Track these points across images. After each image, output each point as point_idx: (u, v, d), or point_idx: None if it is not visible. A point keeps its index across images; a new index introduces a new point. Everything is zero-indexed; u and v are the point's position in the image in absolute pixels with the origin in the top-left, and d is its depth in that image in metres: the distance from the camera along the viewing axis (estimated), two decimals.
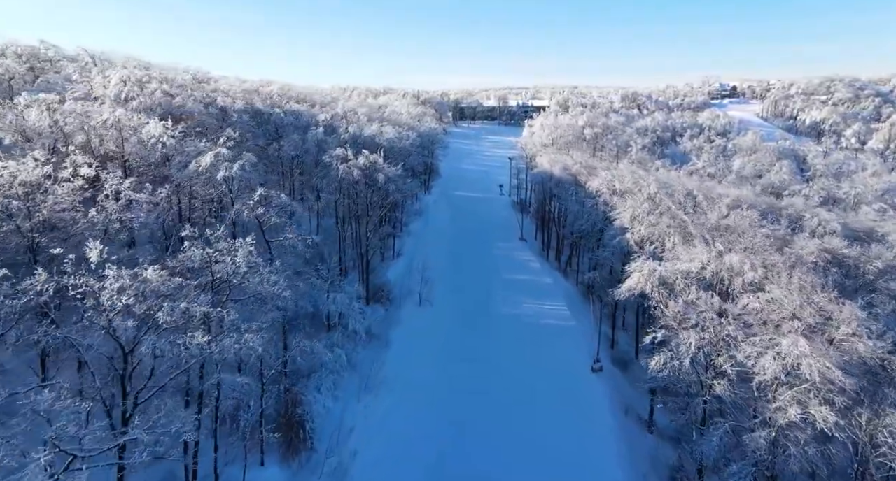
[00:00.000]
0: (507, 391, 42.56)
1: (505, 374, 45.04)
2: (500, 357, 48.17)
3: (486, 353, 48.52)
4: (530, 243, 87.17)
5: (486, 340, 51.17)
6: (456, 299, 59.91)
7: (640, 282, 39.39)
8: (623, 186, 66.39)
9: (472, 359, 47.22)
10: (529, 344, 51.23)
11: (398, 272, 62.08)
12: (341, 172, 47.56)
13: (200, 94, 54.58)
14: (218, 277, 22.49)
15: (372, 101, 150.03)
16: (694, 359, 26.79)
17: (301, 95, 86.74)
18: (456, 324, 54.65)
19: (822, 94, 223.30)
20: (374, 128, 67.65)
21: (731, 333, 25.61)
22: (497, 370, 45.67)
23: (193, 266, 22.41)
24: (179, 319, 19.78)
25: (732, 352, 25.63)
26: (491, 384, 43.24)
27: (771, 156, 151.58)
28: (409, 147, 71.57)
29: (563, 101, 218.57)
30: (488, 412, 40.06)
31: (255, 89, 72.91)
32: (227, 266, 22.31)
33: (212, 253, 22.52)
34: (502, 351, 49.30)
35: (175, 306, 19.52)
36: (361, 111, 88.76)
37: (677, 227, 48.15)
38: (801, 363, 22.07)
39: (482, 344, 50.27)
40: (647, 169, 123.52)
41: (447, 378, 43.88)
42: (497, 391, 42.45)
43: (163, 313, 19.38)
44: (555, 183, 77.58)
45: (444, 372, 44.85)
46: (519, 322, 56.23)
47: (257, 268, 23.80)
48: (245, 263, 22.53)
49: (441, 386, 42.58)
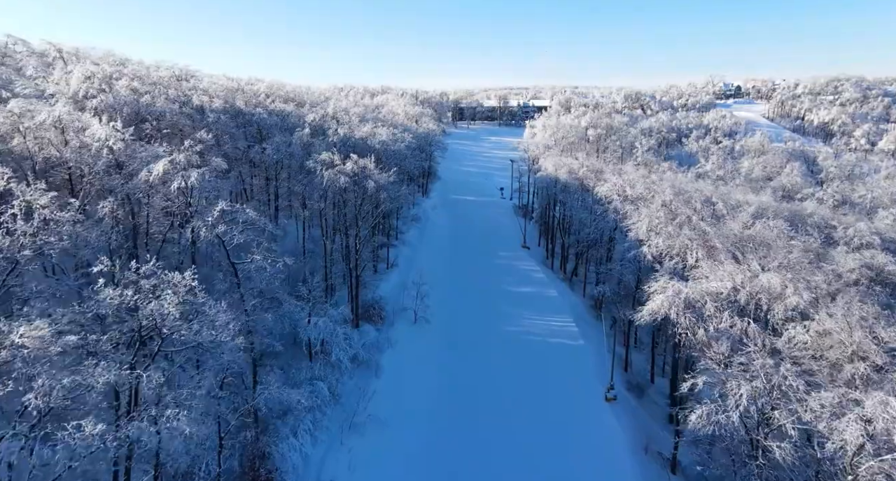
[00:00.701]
0: (510, 426, 37.75)
1: (508, 406, 40.20)
2: (503, 384, 43.34)
3: (487, 380, 43.70)
4: (534, 251, 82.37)
5: (487, 364, 46.36)
6: (454, 316, 55.10)
7: (663, 306, 34.56)
8: (635, 192, 61.58)
9: (472, 388, 42.41)
10: (535, 368, 46.40)
11: (392, 286, 57.19)
12: (326, 179, 42.67)
13: (175, 93, 49.69)
14: (146, 325, 17.36)
15: (368, 100, 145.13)
16: (744, 413, 21.99)
17: (291, 94, 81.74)
18: (454, 344, 49.82)
19: (829, 95, 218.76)
20: (367, 129, 62.52)
21: (792, 382, 20.83)
22: (500, 401, 40.84)
23: (107, 312, 17.28)
24: (61, 401, 14.38)
25: (792, 405, 20.85)
26: (493, 419, 38.40)
27: (780, 157, 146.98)
28: (404, 150, 66.48)
29: (564, 101, 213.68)
30: (490, 451, 35.29)
31: (238, 87, 67.85)
32: (154, 311, 17.16)
33: (131, 295, 17.40)
34: (505, 377, 44.47)
35: (54, 384, 14.20)
36: (355, 111, 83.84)
37: (699, 240, 43.32)
38: (893, 429, 17.27)
39: (483, 369, 45.44)
40: (654, 171, 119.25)
41: (444, 411, 39.06)
42: (500, 426, 37.65)
43: (35, 396, 14.24)
44: (560, 188, 72.74)
45: (440, 403, 40.02)
46: (523, 342, 51.43)
47: (199, 310, 18.74)
48: (176, 309, 17.35)
49: (437, 421, 37.76)
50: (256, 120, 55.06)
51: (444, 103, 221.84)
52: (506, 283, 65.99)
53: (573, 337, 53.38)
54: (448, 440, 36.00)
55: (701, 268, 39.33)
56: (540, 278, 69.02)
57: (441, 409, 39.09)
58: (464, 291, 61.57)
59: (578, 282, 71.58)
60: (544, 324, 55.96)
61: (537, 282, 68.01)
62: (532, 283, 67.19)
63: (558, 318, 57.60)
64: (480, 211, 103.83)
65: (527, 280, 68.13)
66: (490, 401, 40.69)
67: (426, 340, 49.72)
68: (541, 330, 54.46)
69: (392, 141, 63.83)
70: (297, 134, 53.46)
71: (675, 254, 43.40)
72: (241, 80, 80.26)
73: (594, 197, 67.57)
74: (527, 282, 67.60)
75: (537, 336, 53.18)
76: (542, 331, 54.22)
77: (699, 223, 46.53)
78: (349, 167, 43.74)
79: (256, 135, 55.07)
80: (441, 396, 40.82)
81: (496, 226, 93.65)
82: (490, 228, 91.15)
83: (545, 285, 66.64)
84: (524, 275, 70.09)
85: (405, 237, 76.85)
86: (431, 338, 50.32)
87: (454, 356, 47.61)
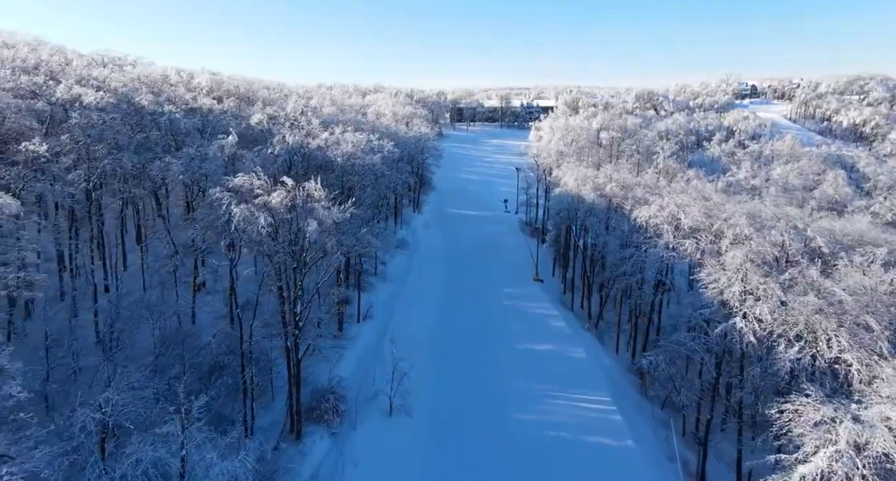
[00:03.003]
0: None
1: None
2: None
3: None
4: (548, 284, 66.39)
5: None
6: (447, 400, 39.12)
7: (830, 464, 18.62)
8: (693, 221, 45.59)
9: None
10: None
11: (358, 356, 41.12)
12: (238, 219, 26.80)
13: (29, 80, 33.86)
14: None
15: (357, 100, 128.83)
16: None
17: (242, 89, 65.17)
18: (448, 451, 33.90)
19: (854, 94, 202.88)
20: (327, 137, 45.75)
21: None
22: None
23: None
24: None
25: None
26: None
27: (817, 163, 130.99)
28: (379, 164, 49.49)
29: (571, 101, 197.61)
30: None
31: (163, 78, 51.87)
32: None
33: None
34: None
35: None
36: (328, 111, 67.82)
37: (833, 309, 27.28)
38: None
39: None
40: (676, 179, 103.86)
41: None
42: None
43: None
44: (585, 209, 56.67)
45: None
46: (543, 443, 35.49)
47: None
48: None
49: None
50: (165, 121, 39.08)
51: (442, 103, 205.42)
52: (516, 337, 50.01)
53: (616, 431, 37.29)
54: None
55: (856, 374, 23.35)
56: (560, 328, 52.95)
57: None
58: (461, 356, 45.52)
59: (607, 329, 55.73)
60: (572, 408, 39.92)
61: (557, 333, 51.99)
62: (550, 336, 51.14)
63: (590, 396, 41.59)
64: (482, 229, 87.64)
65: (543, 331, 52.07)
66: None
67: (407, 447, 33.69)
68: (568, 419, 38.44)
69: (363, 152, 46.96)
70: (217, 143, 37.24)
71: (793, 336, 27.32)
72: (184, 71, 64.12)
73: (633, 223, 51.69)
74: (543, 334, 51.56)
75: (564, 430, 37.14)
76: (569, 421, 38.19)
77: (818, 280, 30.47)
78: (276, 198, 27.72)
79: (170, 141, 39.16)
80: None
81: (501, 249, 77.51)
82: (494, 253, 75.05)
83: (568, 340, 50.63)
84: (539, 322, 54.04)
85: (387, 270, 60.72)
86: (414, 442, 34.32)
87: (448, 472, 31.72)
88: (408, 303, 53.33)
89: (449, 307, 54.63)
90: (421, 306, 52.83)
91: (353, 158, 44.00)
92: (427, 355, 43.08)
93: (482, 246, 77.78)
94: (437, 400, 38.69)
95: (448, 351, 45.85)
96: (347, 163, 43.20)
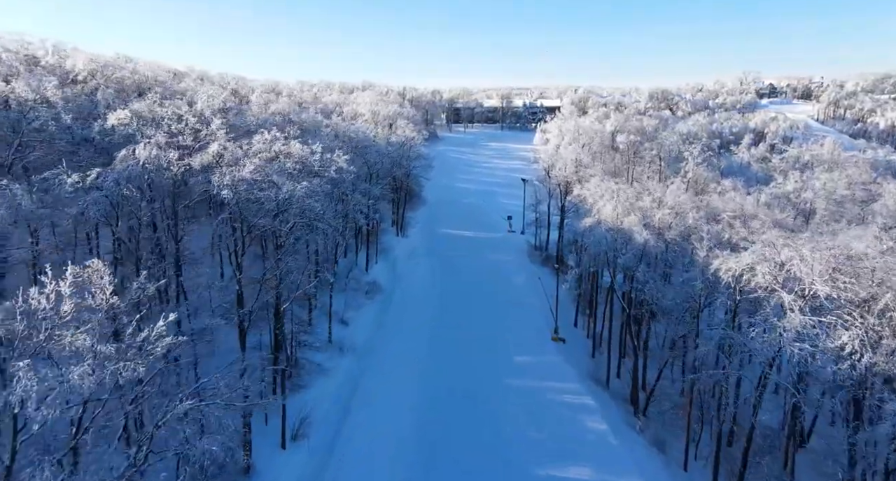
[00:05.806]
0: None
1: None
2: None
3: None
4: (572, 344, 48.90)
5: None
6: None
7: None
8: (831, 285, 27.85)
9: None
10: None
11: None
12: None
13: None
14: None
15: (334, 97, 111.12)
16: None
17: (140, 77, 47.05)
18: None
19: (885, 93, 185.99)
20: (212, 152, 27.00)
21: None
22: None
23: None
24: None
25: None
26: None
27: (866, 171, 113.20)
28: (312, 203, 28.74)
29: (578, 101, 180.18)
30: None
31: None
32: None
33: None
34: None
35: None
36: (276, 108, 50.18)
37: None
38: None
39: None
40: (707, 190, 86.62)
41: None
42: None
43: None
44: (634, 252, 38.88)
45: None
46: None
47: None
48: None
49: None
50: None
51: (437, 103, 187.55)
52: (535, 458, 32.38)
53: None
54: None
55: None
56: (600, 435, 35.25)
57: None
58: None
59: (658, 417, 38.27)
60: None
61: (591, 434, 34.59)
62: (585, 449, 33.52)
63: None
64: (481, 258, 69.99)
65: (575, 441, 34.34)
66: None
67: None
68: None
69: (288, 175, 27.82)
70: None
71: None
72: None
73: (707, 275, 34.08)
74: (575, 443, 33.95)
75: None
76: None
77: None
78: None
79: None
80: None
81: (507, 289, 59.81)
82: (498, 297, 57.23)
83: (614, 456, 33.04)
84: (567, 423, 36.25)
85: (347, 334, 42.97)
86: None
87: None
88: (371, 397, 35.54)
89: (434, 403, 36.57)
90: (391, 405, 35.04)
91: (259, 188, 25.68)
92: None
93: (482, 285, 59.98)
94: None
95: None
96: (245, 196, 25.13)
